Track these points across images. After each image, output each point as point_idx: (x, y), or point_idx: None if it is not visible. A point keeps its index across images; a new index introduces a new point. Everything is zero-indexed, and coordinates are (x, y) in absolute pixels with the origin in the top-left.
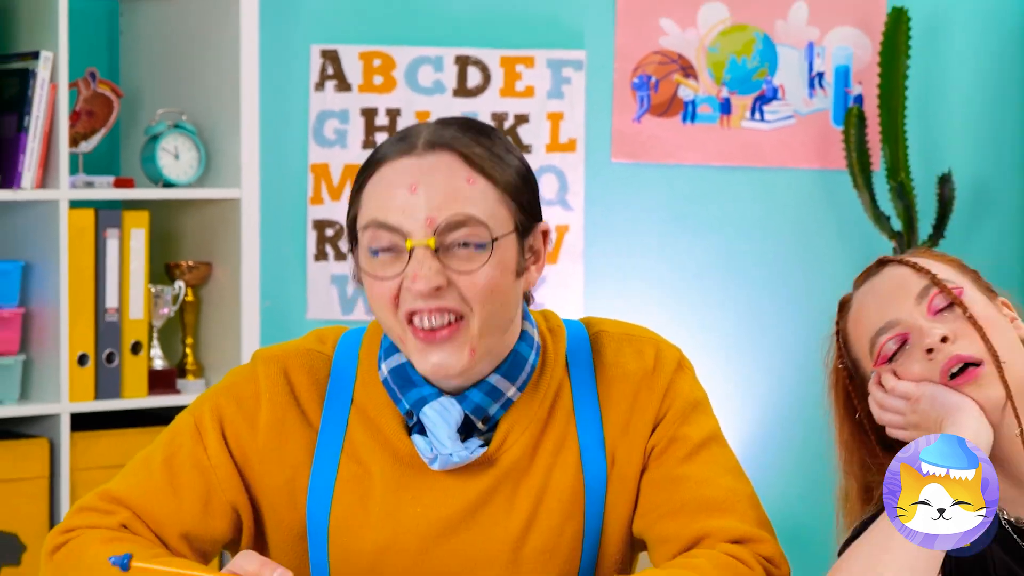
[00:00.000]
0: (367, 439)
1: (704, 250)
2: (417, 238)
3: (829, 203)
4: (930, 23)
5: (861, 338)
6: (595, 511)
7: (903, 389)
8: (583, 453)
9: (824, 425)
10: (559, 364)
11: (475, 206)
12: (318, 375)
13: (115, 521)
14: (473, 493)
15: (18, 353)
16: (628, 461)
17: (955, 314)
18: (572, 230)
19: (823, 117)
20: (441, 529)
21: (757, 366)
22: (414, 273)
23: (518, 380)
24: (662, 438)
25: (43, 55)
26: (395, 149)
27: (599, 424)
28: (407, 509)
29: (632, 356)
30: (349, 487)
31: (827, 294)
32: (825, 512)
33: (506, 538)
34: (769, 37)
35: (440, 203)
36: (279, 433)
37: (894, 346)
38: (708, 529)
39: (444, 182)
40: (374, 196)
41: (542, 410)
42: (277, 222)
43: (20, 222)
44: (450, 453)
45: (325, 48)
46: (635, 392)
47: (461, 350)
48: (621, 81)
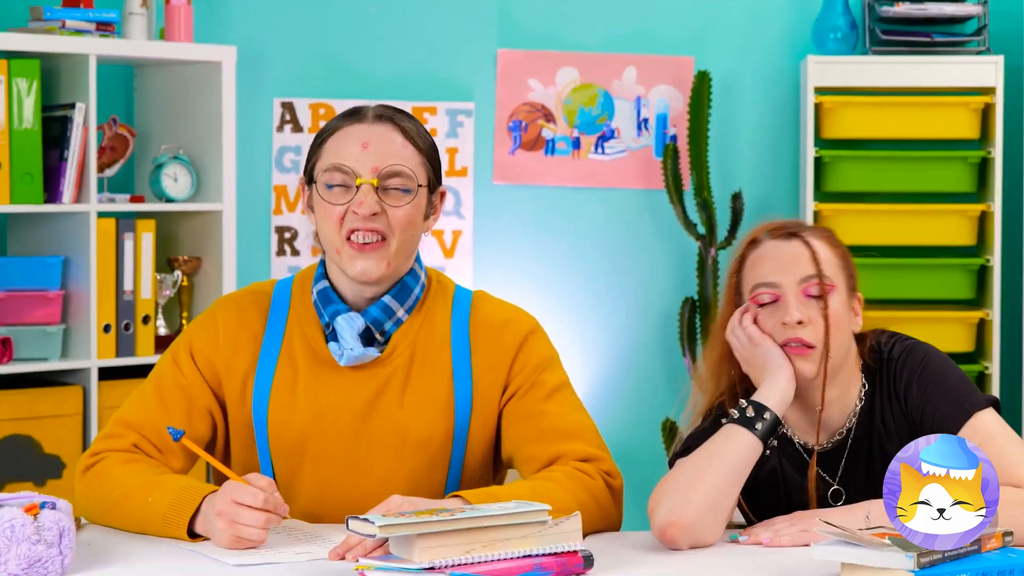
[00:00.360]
0: (299, 345)
1: (561, 249)
2: (365, 175)
3: (652, 214)
4: (725, 82)
5: (751, 277)
6: (463, 416)
7: (750, 332)
8: (455, 373)
9: (644, 376)
10: (443, 305)
11: (406, 163)
12: (261, 306)
13: (128, 442)
14: (371, 388)
15: (60, 323)
16: (488, 384)
17: (819, 303)
18: (464, 233)
19: (648, 151)
20: (348, 418)
21: (598, 333)
22: (360, 201)
23: (406, 303)
24: (524, 381)
25: (78, 106)
26: (351, 119)
27: (468, 355)
28: (323, 401)
29: (500, 314)
30: (281, 386)
31: (651, 282)
32: (648, 440)
33: (394, 429)
34: (608, 92)
35: (383, 157)
36: (233, 349)
37: (767, 299)
38: (562, 451)
39: (386, 144)
40: (335, 147)
41: (424, 335)
42: (249, 228)
43: (61, 228)
44: (352, 348)
45: (284, 100)
46: (498, 338)
47: (381, 261)
48: (500, 125)
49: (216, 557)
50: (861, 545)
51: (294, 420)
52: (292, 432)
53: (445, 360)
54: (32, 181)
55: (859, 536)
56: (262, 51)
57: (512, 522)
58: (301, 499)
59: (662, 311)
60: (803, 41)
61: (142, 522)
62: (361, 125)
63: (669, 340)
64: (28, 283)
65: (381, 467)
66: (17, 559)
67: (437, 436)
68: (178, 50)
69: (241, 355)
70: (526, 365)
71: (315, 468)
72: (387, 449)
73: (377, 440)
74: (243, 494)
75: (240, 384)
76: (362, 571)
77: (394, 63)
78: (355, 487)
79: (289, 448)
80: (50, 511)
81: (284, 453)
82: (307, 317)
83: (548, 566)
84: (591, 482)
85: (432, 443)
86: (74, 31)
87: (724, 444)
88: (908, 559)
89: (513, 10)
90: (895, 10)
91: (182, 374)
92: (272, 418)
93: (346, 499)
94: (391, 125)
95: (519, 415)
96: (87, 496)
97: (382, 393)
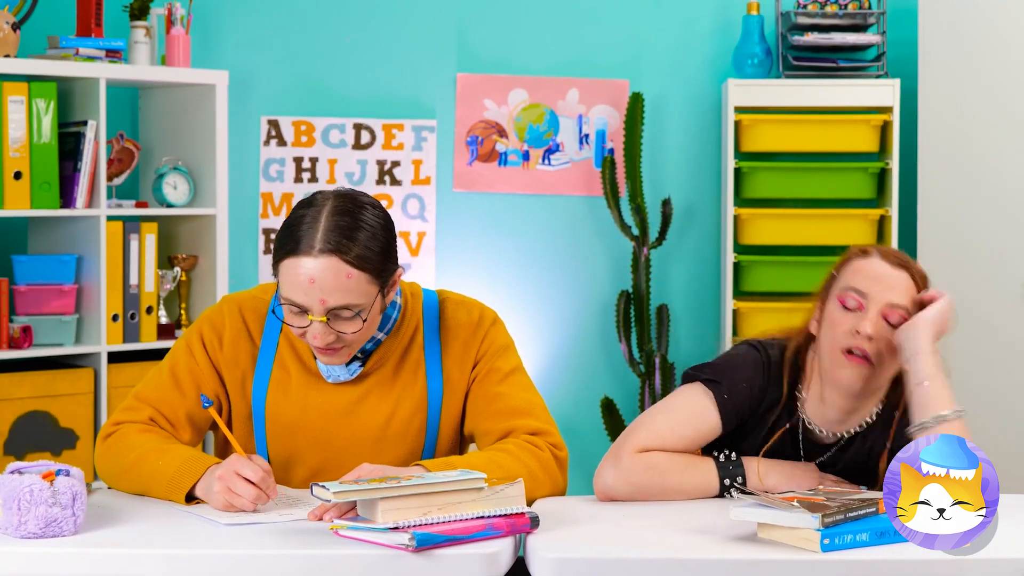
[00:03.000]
0: (290, 356)
1: (513, 248)
2: (315, 314)
3: (592, 218)
4: (657, 101)
5: (848, 279)
6: (435, 407)
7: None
8: (428, 374)
9: (585, 359)
10: (415, 316)
11: (351, 294)
12: (260, 312)
13: (144, 415)
14: (354, 396)
15: (74, 313)
16: (458, 379)
17: (891, 331)
18: (427, 235)
19: (588, 163)
20: (334, 415)
21: (545, 322)
22: (313, 335)
23: (384, 328)
24: (483, 368)
25: (90, 123)
26: (301, 246)
27: (439, 354)
28: (312, 400)
29: (464, 314)
30: (277, 384)
31: (591, 277)
32: (588, 415)
33: (374, 424)
34: (554, 111)
35: (329, 293)
36: (235, 348)
37: (852, 305)
38: (514, 426)
39: (331, 279)
40: (287, 278)
41: (400, 347)
42: (240, 230)
43: (75, 230)
44: (339, 374)
45: (270, 118)
46: (465, 337)
47: (343, 358)
48: (459, 139)
49: (210, 518)
50: (774, 507)
51: (287, 415)
52: (286, 425)
53: (418, 360)
54: (49, 189)
55: (772, 499)
56: (251, 75)
57: (453, 488)
58: (294, 479)
59: (601, 303)
60: (724, 66)
61: (149, 484)
62: (307, 259)
63: (607, 328)
64: (46, 278)
65: (363, 455)
66: (35, 519)
67: (413, 428)
68: (177, 74)
69: (242, 355)
70: (486, 353)
71: (306, 455)
72: (368, 441)
73: (360, 435)
74: (245, 468)
75: (240, 380)
76: (336, 530)
77: (366, 85)
78: (341, 471)
79: (283, 438)
80: (64, 478)
81: (279, 441)
82: None
83: (499, 526)
84: (539, 453)
85: (408, 434)
86: (86, 57)
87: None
88: (814, 519)
89: (471, 39)
90: (805, 39)
91: (194, 360)
92: (269, 411)
93: (334, 479)
94: (336, 258)
95: (478, 396)
96: (105, 458)
97: (364, 399)
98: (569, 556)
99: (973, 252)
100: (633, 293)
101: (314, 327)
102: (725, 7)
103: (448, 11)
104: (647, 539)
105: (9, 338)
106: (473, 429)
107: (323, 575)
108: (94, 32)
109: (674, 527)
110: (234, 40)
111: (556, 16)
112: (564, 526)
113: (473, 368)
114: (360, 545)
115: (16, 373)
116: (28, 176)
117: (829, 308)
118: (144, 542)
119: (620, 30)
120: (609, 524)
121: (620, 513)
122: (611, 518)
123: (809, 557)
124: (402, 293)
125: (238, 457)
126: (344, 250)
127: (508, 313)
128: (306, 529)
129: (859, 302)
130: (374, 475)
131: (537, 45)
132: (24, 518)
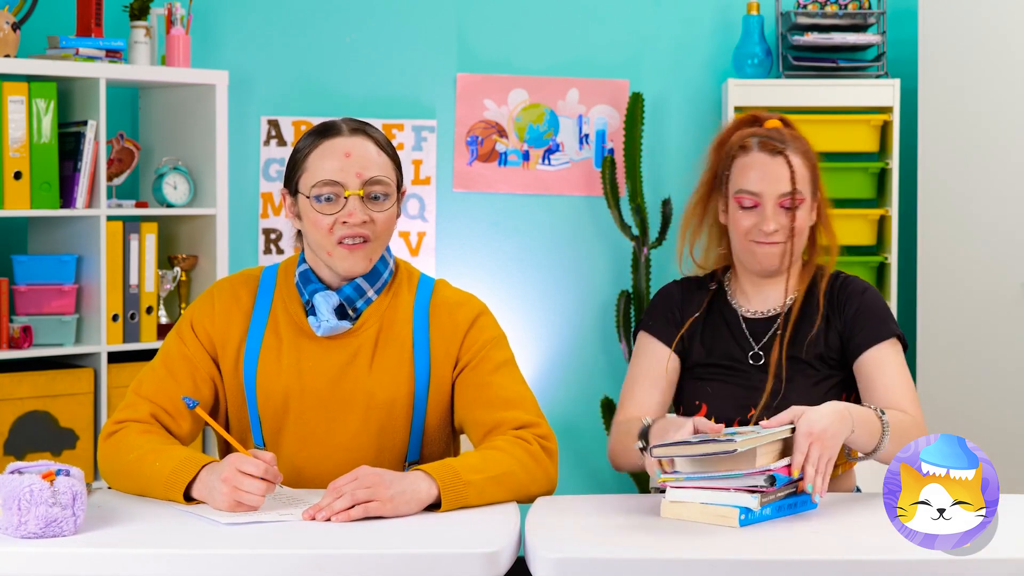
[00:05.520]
0: (282, 319)
1: (513, 248)
2: (352, 188)
3: (592, 218)
4: (656, 102)
5: (738, 181)
6: (422, 382)
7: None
8: (415, 345)
9: (585, 359)
10: (409, 291)
11: (382, 170)
12: (250, 287)
13: (145, 411)
14: (344, 356)
15: (74, 313)
16: (443, 355)
17: (789, 213)
18: (428, 235)
19: (588, 163)
20: (324, 381)
21: (545, 322)
22: (350, 212)
23: (375, 285)
24: (474, 356)
25: (90, 123)
26: (328, 134)
27: (427, 331)
28: (303, 365)
29: (455, 297)
30: (268, 353)
31: (591, 277)
32: (588, 415)
33: (363, 391)
34: (554, 111)
35: (365, 165)
36: (226, 321)
37: (748, 204)
38: (503, 418)
39: (364, 153)
40: (319, 161)
41: (392, 313)
42: (239, 230)
43: (75, 230)
44: (327, 320)
45: (270, 118)
46: (452, 316)
47: (366, 259)
48: (459, 139)
49: (210, 517)
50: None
51: (278, 382)
52: (277, 393)
53: (407, 334)
54: (50, 189)
55: (667, 451)
56: (251, 75)
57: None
58: (284, 452)
59: (601, 302)
60: (724, 66)
61: (147, 484)
62: (340, 138)
63: (607, 328)
64: (46, 278)
65: (352, 424)
66: (36, 519)
67: (399, 398)
68: (177, 74)
69: (234, 327)
70: (476, 341)
71: (296, 425)
72: (357, 408)
73: (348, 400)
74: (247, 464)
75: (234, 353)
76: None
77: (366, 85)
78: (330, 442)
79: (274, 408)
80: (65, 478)
81: (270, 412)
82: (290, 296)
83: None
84: (528, 446)
85: (395, 404)
86: (86, 58)
87: (632, 440)
88: (753, 499)
89: (470, 39)
90: (805, 39)
91: (185, 346)
92: (260, 381)
93: (322, 452)
94: (365, 137)
95: (469, 385)
96: (107, 458)
97: (353, 361)
98: (569, 556)
99: (973, 252)
100: (633, 293)
101: (351, 204)
102: (725, 7)
103: (448, 11)
104: (647, 539)
105: (9, 338)
106: (463, 419)
107: (323, 575)
108: (94, 32)
109: (674, 527)
110: (234, 40)
111: (556, 16)
112: (564, 526)
113: (459, 353)
114: (360, 545)
115: (16, 373)
116: (28, 176)
117: (731, 207)
118: (144, 542)
119: (620, 30)
120: (609, 524)
121: (620, 513)
122: (611, 518)
123: (820, 558)
124: (395, 261)
125: (238, 455)
126: (372, 132)
127: (508, 313)
128: (306, 529)
129: (754, 200)
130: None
131: (537, 45)
132: (24, 518)
